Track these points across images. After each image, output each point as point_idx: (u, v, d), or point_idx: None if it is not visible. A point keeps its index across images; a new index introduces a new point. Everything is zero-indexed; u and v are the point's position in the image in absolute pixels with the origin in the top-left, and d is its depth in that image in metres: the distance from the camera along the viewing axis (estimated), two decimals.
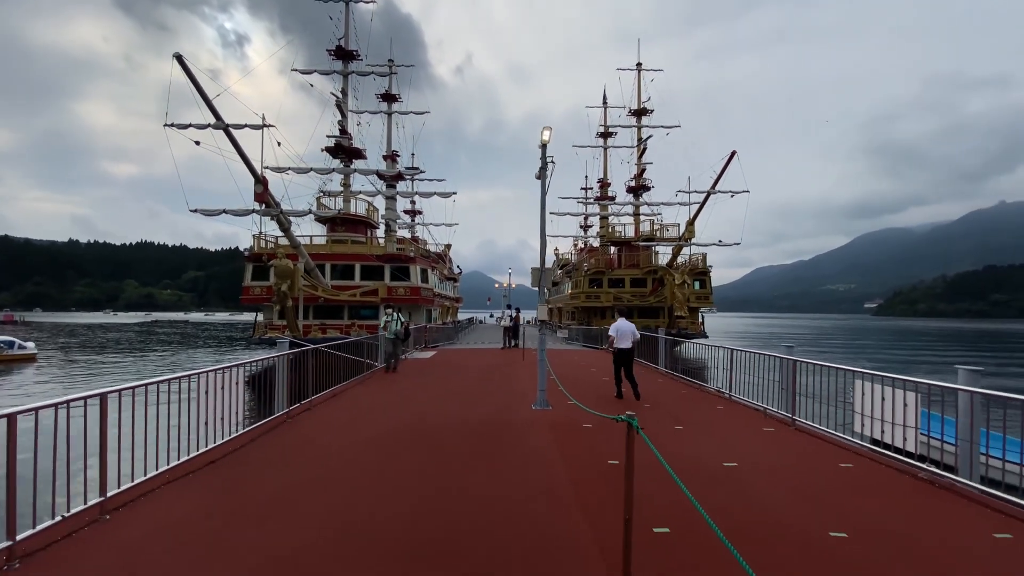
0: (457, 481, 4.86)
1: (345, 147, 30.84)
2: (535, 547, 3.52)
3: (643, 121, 39.42)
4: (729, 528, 3.83)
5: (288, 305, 22.02)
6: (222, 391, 5.81)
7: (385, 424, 7.21)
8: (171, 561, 3.29)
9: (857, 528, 3.84)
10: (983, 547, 3.57)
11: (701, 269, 34.98)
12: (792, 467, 5.40)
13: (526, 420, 7.52)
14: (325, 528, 3.79)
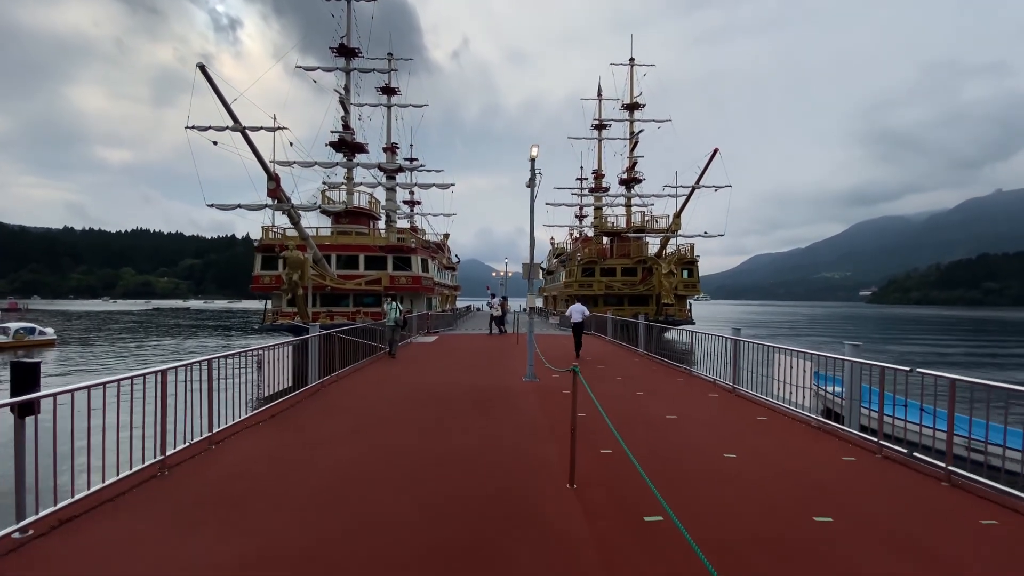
0: (461, 424, 6.47)
1: (348, 142, 32.12)
2: (519, 462, 5.12)
3: (635, 115, 40.69)
4: (653, 452, 5.48)
5: (299, 294, 23.54)
6: (271, 364, 7.37)
7: (401, 391, 8.82)
8: (270, 471, 4.87)
9: (747, 454, 5.45)
10: (833, 467, 5.17)
11: (688, 259, 36.60)
12: (718, 419, 7.03)
13: (516, 388, 9.15)
14: (365, 453, 5.38)
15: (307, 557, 3.24)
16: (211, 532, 3.58)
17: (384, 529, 3.62)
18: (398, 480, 4.61)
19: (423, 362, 13.09)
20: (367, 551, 3.32)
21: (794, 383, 7.08)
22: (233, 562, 3.17)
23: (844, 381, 6.81)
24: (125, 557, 3.24)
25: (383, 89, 40.62)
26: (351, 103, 34.02)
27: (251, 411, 6.81)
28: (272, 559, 3.22)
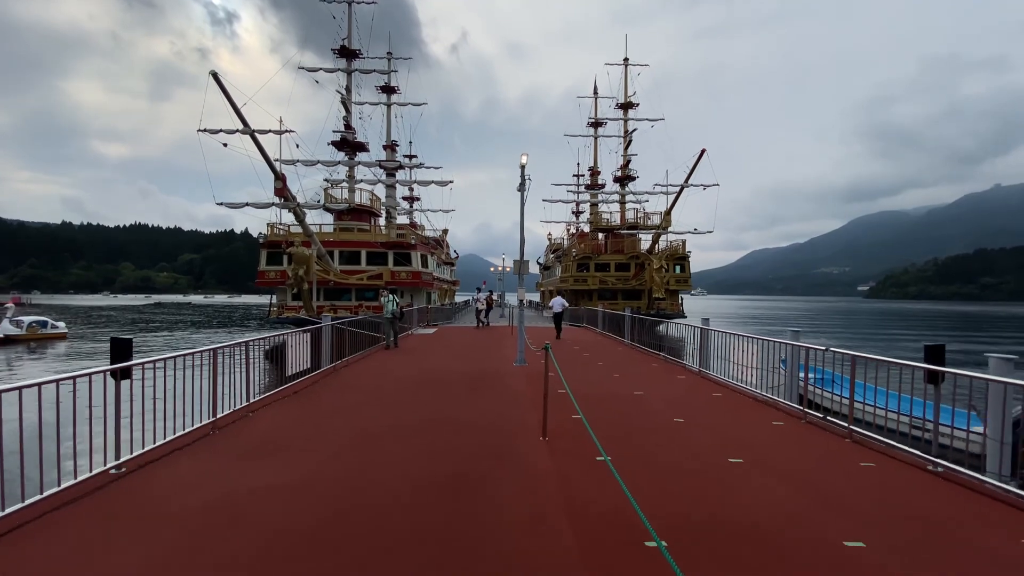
0: (458, 399, 7.58)
1: (350, 141, 33.11)
2: (505, 424, 6.23)
3: (629, 114, 41.68)
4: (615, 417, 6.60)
5: (304, 288, 24.61)
6: (293, 349, 8.47)
7: (404, 374, 9.93)
8: (300, 431, 5.97)
9: (692, 419, 6.56)
10: (761, 428, 6.29)
11: (680, 255, 37.71)
12: (680, 395, 8.15)
13: (508, 371, 10.27)
14: (378, 418, 6.49)
15: (338, 481, 4.35)
16: (261, 468, 4.69)
17: (398, 466, 4.73)
18: (407, 437, 5.72)
19: (423, 351, 14.20)
20: (386, 478, 4.43)
21: (746, 364, 8.20)
22: (282, 484, 4.28)
23: (787, 363, 7.93)
24: (201, 483, 4.34)
25: (383, 88, 41.52)
26: (352, 102, 35.01)
27: (278, 387, 7.92)
28: (312, 483, 4.32)
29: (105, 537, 3.37)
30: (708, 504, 3.94)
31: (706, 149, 31.89)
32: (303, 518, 3.64)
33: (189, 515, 3.69)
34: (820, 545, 3.32)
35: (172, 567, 3.00)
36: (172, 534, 3.40)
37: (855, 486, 4.38)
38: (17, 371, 21.42)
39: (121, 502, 3.94)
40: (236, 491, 4.14)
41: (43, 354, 26.99)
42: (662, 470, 4.66)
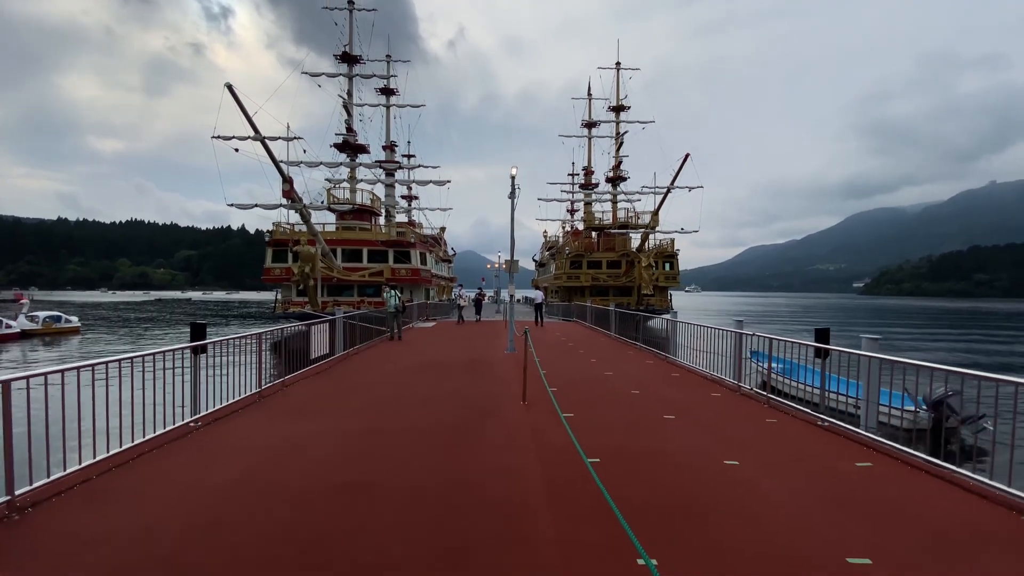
0: (456, 378, 9.04)
1: (352, 144, 34.45)
2: (493, 394, 7.69)
3: (621, 116, 43.10)
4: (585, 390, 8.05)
5: (310, 284, 26.01)
6: (316, 337, 9.91)
7: (409, 360, 11.38)
8: (329, 399, 7.41)
9: (647, 392, 8.03)
10: (700, 399, 7.76)
11: (669, 253, 39.23)
12: (643, 376, 9.63)
13: (499, 358, 11.74)
14: (390, 392, 7.94)
15: (364, 429, 5.80)
16: (303, 422, 6.13)
17: (410, 420, 6.19)
18: (415, 404, 7.18)
19: (424, 342, 15.65)
20: (401, 427, 5.88)
21: (708, 351, 9.68)
22: (322, 431, 5.72)
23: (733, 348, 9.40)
24: (260, 431, 5.78)
25: (382, 90, 42.80)
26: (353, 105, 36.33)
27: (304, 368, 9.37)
28: (344, 431, 5.77)
29: (207, 460, 4.82)
30: (632, 441, 5.42)
31: (690, 153, 33.41)
32: (341, 450, 5.10)
33: (259, 449, 5.13)
34: (708, 462, 4.79)
35: (260, 477, 4.44)
36: (251, 459, 4.85)
37: (753, 433, 5.86)
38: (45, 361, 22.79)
39: (207, 442, 5.38)
40: (288, 435, 5.59)
41: (59, 347, 28.35)
42: (608, 423, 6.13)
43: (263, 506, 3.79)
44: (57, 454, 4.12)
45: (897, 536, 3.40)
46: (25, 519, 3.57)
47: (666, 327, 11.89)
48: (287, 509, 3.74)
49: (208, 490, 4.09)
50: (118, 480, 4.32)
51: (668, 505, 3.85)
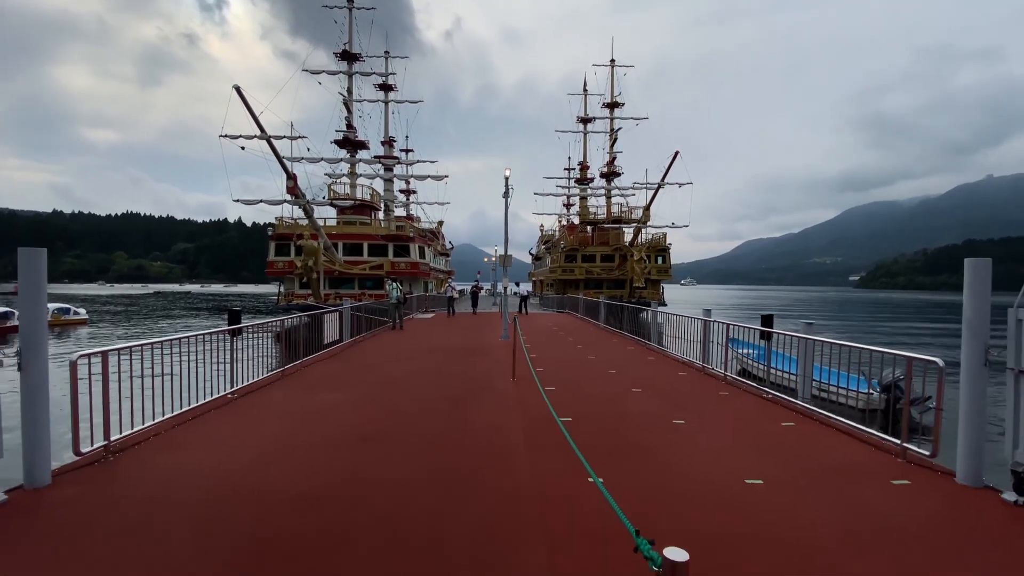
0: (455, 361, 10.11)
1: (352, 140, 35.28)
2: (488, 374, 8.76)
3: (615, 113, 44.01)
4: (568, 370, 9.13)
5: (313, 277, 27.01)
6: (329, 325, 10.94)
7: (412, 346, 12.44)
8: (345, 376, 8.48)
9: (621, 371, 9.12)
10: (666, 376, 8.84)
11: (661, 247, 40.32)
12: (622, 359, 10.72)
13: (494, 344, 12.82)
14: (398, 372, 9.01)
15: (378, 398, 6.87)
16: (325, 393, 7.19)
17: (415, 393, 7.26)
18: (420, 381, 8.26)
19: (424, 331, 16.72)
20: (409, 398, 6.95)
21: (677, 336, 10.77)
22: (343, 400, 6.79)
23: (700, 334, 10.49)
24: (290, 400, 6.84)
25: (381, 86, 43.56)
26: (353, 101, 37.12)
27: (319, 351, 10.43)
28: (361, 400, 6.83)
29: (250, 421, 5.88)
30: (601, 407, 6.52)
31: (679, 151, 34.50)
32: (359, 414, 6.17)
33: (291, 413, 6.19)
34: (659, 421, 5.88)
35: (297, 432, 5.50)
36: (287, 420, 5.90)
37: (704, 402, 6.95)
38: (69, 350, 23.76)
39: (247, 408, 6.44)
40: (313, 403, 6.66)
41: (69, 337, 29.30)
42: (584, 394, 7.22)
43: (304, 450, 4.87)
44: (126, 416, 5.13)
45: (789, 468, 4.49)
46: (117, 460, 4.62)
47: (646, 316, 12.98)
48: (324, 451, 4.82)
49: (257, 440, 5.16)
50: (182, 433, 5.38)
51: (620, 448, 4.94)
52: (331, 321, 11.12)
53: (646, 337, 13.39)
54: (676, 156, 34.69)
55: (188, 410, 6.04)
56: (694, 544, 2.98)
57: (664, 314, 12.11)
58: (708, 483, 4.13)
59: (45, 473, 4.03)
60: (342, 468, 4.40)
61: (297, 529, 3.31)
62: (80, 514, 3.51)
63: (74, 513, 3.53)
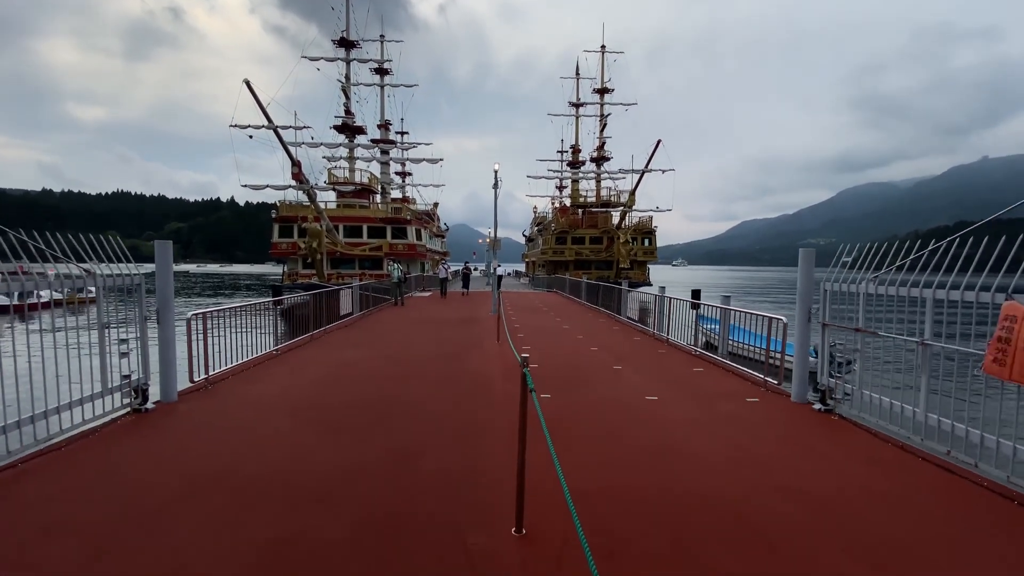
0: (452, 330, 12.11)
1: (350, 125, 36.64)
2: (478, 339, 10.76)
3: (605, 99, 45.35)
4: (545, 337, 11.19)
5: (317, 258, 28.81)
6: (343, 299, 12.88)
7: (414, 318, 14.43)
8: (359, 339, 10.45)
9: (587, 337, 11.14)
10: (625, 342, 10.87)
11: (647, 229, 42.21)
12: (592, 328, 12.75)
13: (484, 317, 14.83)
14: (403, 336, 11.00)
15: (393, 355, 8.86)
16: (351, 351, 9.16)
17: (421, 351, 9.25)
18: (424, 342, 10.26)
19: (423, 306, 18.70)
20: (416, 355, 8.95)
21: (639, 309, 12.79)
22: (366, 356, 8.77)
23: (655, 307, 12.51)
24: (324, 356, 8.81)
25: (377, 70, 44.58)
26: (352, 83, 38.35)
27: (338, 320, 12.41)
28: (380, 355, 8.82)
29: (297, 368, 7.85)
30: (563, 358, 8.55)
31: (661, 140, 36.17)
32: (381, 363, 8.16)
33: (328, 363, 8.16)
34: (603, 366, 7.90)
35: (335, 375, 7.48)
36: (326, 368, 7.87)
37: (643, 355, 8.99)
38: None
39: (291, 361, 8.41)
40: (343, 357, 8.65)
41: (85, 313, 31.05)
42: (551, 352, 9.25)
43: (345, 381, 6.86)
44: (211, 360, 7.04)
45: (680, 392, 6.53)
46: (215, 387, 6.58)
47: (616, 295, 14.99)
48: (359, 383, 6.81)
49: (309, 378, 7.14)
50: (253, 373, 7.36)
51: (569, 382, 6.96)
52: (346, 296, 13.07)
53: (618, 312, 15.41)
54: (659, 144, 36.40)
55: (248, 360, 8.02)
56: (599, 436, 5.02)
57: (630, 292, 14.13)
58: (620, 399, 6.17)
59: (173, 393, 5.99)
60: (374, 390, 6.40)
61: (352, 419, 5.31)
62: (198, 416, 5.46)
63: (194, 416, 5.48)
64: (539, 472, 3.38)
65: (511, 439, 3.65)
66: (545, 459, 2.63)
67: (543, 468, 3.40)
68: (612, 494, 3.56)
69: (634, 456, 4.34)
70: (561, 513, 3.09)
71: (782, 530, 3.10)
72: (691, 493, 3.61)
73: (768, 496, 3.57)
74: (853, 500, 3.53)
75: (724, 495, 3.58)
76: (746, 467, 4.11)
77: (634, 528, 3.09)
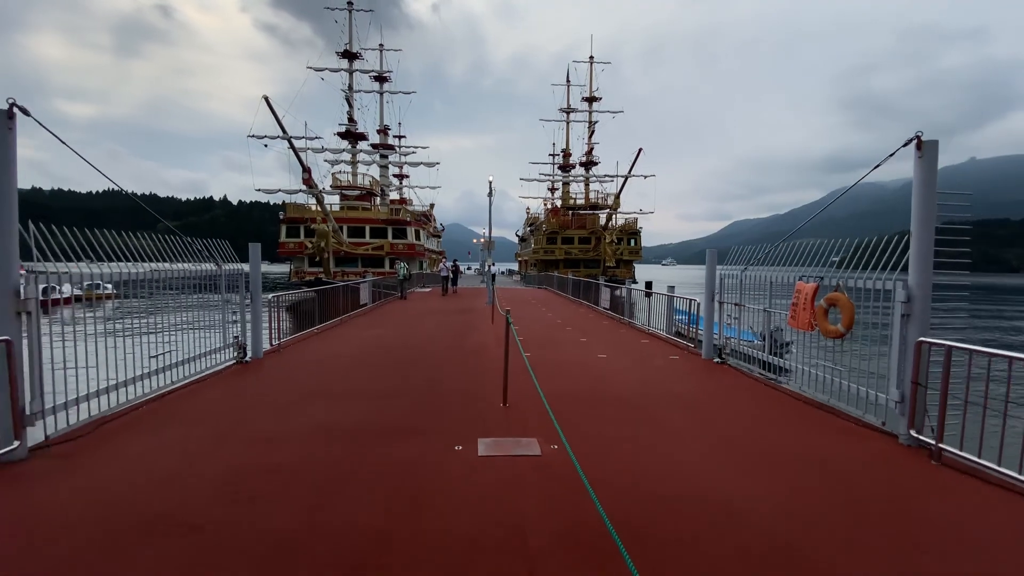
0: (452, 318, 14.54)
1: (353, 133, 38.95)
2: (475, 324, 13.21)
3: (593, 107, 47.89)
4: (532, 323, 13.71)
5: (325, 257, 31.12)
6: (360, 290, 15.29)
7: (418, 310, 16.85)
8: (378, 322, 12.86)
9: (565, 321, 13.62)
10: (597, 324, 13.34)
11: (632, 230, 44.83)
12: (572, 317, 15.23)
13: (480, 308, 17.28)
14: (413, 322, 13.42)
15: (406, 333, 11.28)
16: (373, 330, 11.58)
17: (428, 333, 11.68)
18: (432, 325, 12.68)
19: (425, 301, 21.12)
20: (427, 333, 11.38)
21: (606, 298, 15.28)
22: (386, 334, 11.19)
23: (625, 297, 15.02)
24: (356, 333, 11.21)
25: (376, 77, 46.85)
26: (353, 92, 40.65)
27: (357, 309, 14.81)
28: (396, 334, 11.23)
29: (335, 342, 10.26)
30: (544, 334, 11.01)
31: (642, 148, 38.81)
32: (401, 339, 10.58)
33: (359, 339, 10.56)
34: (572, 339, 10.38)
35: (367, 346, 9.90)
36: (358, 342, 10.28)
37: (606, 335, 11.46)
38: None
39: (330, 337, 10.80)
40: (370, 334, 11.06)
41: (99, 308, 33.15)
42: (534, 331, 11.71)
43: (377, 349, 9.28)
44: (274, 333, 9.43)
45: (624, 353, 9.01)
46: (283, 352, 8.96)
47: (594, 289, 17.51)
48: (389, 350, 9.23)
49: (350, 347, 9.55)
50: (306, 344, 9.77)
51: (544, 346, 9.41)
52: (365, 289, 15.48)
53: (596, 304, 17.91)
54: (640, 153, 39.03)
55: (298, 335, 10.43)
56: (559, 372, 7.51)
57: (604, 287, 16.65)
58: (579, 356, 8.65)
59: (260, 352, 8.38)
60: (402, 352, 8.84)
61: (389, 367, 7.73)
62: (284, 366, 7.85)
63: (281, 365, 7.88)
64: (520, 387, 5.85)
65: (501, 378, 6.08)
66: (526, 383, 5.09)
67: (523, 385, 5.87)
68: (562, 393, 6.04)
69: (580, 382, 6.83)
70: (531, 401, 5.57)
71: (650, 407, 5.60)
72: (608, 395, 6.10)
73: (653, 396, 6.06)
74: (698, 396, 6.05)
75: (627, 395, 6.07)
76: (649, 386, 6.61)
77: (573, 407, 5.56)
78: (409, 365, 7.80)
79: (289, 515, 3.12)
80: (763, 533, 2.96)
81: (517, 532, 2.95)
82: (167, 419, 5.10)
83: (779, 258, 7.25)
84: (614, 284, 27.63)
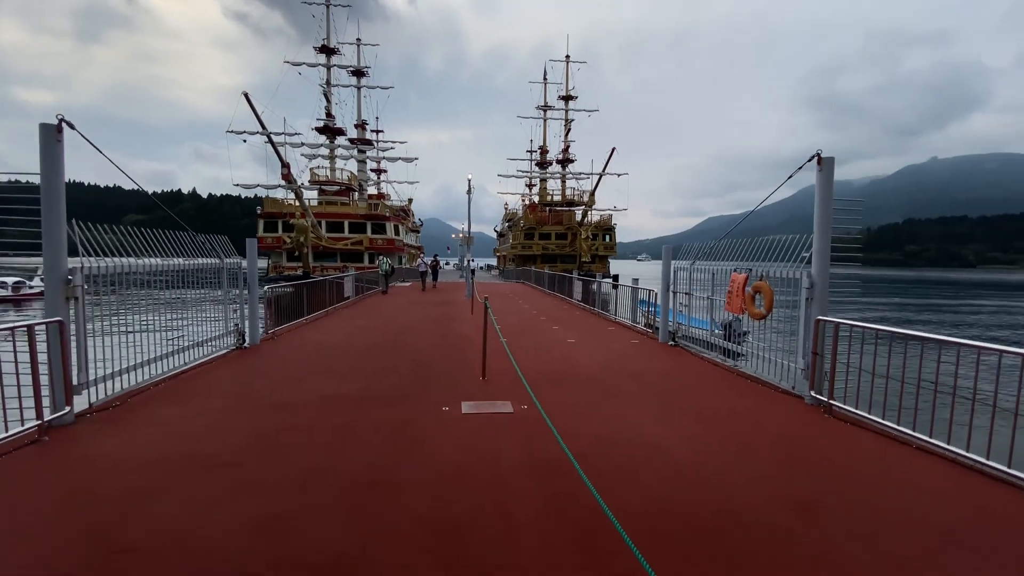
0: (434, 309, 15.34)
1: (331, 128, 39.06)
2: (456, 313, 14.04)
3: (570, 105, 48.91)
4: (510, 314, 14.63)
5: (304, 252, 31.39)
6: (343, 284, 15.93)
7: (401, 303, 17.58)
8: (363, 313, 13.58)
9: (538, 310, 14.58)
10: (567, 312, 14.33)
11: (607, 226, 46.15)
12: (545, 307, 16.20)
13: (460, 300, 18.12)
14: (396, 313, 14.18)
15: (390, 321, 12.06)
16: (358, 321, 12.31)
17: (412, 320, 12.48)
18: (415, 315, 13.46)
19: (406, 294, 21.83)
20: (410, 322, 12.17)
21: (579, 291, 16.30)
22: (372, 323, 11.95)
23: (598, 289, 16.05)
24: (344, 323, 11.93)
25: (354, 72, 46.85)
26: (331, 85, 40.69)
27: (340, 303, 15.46)
28: (381, 322, 12.00)
29: (326, 330, 10.97)
30: (520, 323, 11.94)
31: (615, 148, 40.07)
32: (384, 329, 11.36)
33: (347, 328, 11.29)
34: (545, 326, 11.33)
35: (356, 333, 10.65)
36: (346, 331, 11.01)
37: (575, 321, 12.45)
38: None
39: (319, 327, 11.50)
40: (356, 324, 11.79)
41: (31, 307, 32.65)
42: (511, 319, 12.62)
43: (365, 336, 10.04)
44: None
45: (590, 337, 10.00)
46: (278, 338, 9.66)
47: (568, 282, 18.53)
48: (376, 337, 10.01)
49: (338, 335, 10.29)
50: (298, 332, 10.47)
51: (519, 333, 10.32)
52: (349, 283, 16.13)
53: (570, 296, 18.94)
54: (613, 152, 40.30)
55: (289, 324, 11.12)
56: (532, 354, 8.44)
57: (575, 279, 17.69)
58: (550, 341, 9.60)
59: (257, 339, 9.07)
60: (389, 339, 9.64)
61: (378, 351, 8.54)
62: (280, 351, 8.58)
63: (277, 351, 8.60)
64: (497, 365, 6.76)
65: (480, 359, 6.96)
66: (503, 362, 5.99)
67: (500, 364, 6.78)
68: (534, 370, 6.96)
69: (550, 362, 7.77)
70: (506, 376, 6.48)
71: (608, 380, 6.58)
72: (573, 373, 7.06)
73: (612, 372, 7.04)
74: (649, 371, 7.06)
75: (590, 371, 7.04)
76: (609, 364, 7.59)
77: (542, 380, 6.48)
78: (397, 349, 8.62)
79: (313, 455, 3.95)
80: (678, 463, 3.93)
81: (494, 460, 3.86)
82: (186, 394, 5.83)
83: (723, 253, 8.30)
84: (587, 278, 28.82)
